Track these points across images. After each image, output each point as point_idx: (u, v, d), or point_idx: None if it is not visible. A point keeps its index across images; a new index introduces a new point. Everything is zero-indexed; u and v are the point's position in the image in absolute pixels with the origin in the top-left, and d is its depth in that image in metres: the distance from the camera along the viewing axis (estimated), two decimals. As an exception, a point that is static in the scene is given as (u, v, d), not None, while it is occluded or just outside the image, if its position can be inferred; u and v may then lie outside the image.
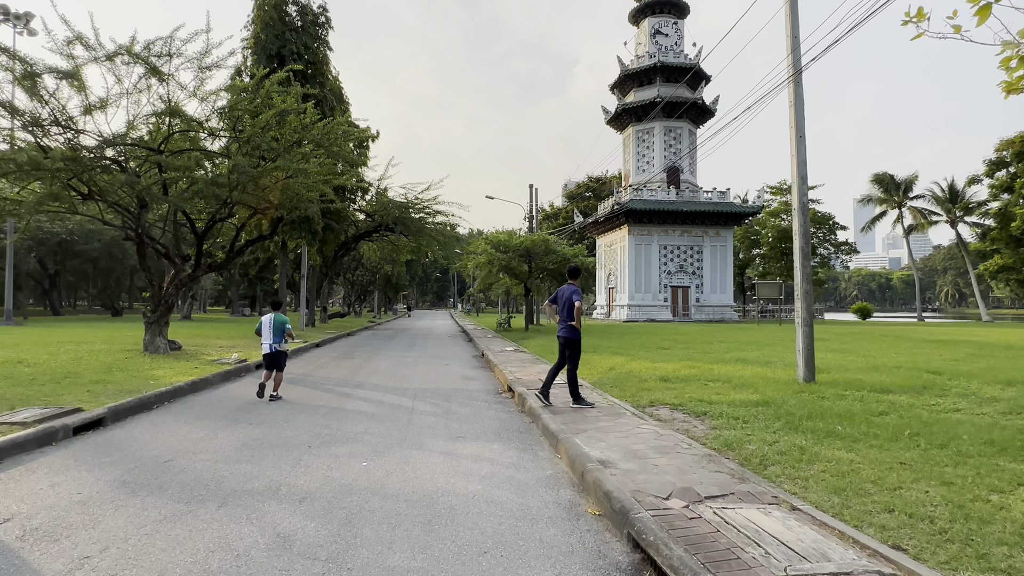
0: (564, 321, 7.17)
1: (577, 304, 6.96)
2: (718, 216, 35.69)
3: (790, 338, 18.06)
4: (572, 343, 7.12)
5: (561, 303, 7.26)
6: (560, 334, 7.26)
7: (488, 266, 23.24)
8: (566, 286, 7.27)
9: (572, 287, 7.18)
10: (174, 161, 11.16)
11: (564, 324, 7.17)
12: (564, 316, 7.17)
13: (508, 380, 9.45)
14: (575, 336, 7.11)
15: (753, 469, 4.37)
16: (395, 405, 7.85)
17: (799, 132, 8.13)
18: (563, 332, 7.18)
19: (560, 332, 7.26)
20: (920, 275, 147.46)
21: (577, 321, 7.00)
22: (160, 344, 13.02)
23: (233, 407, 7.63)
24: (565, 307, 7.15)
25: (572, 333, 7.10)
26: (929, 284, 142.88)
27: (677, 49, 37.99)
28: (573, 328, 7.08)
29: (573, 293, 7.08)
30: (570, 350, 7.14)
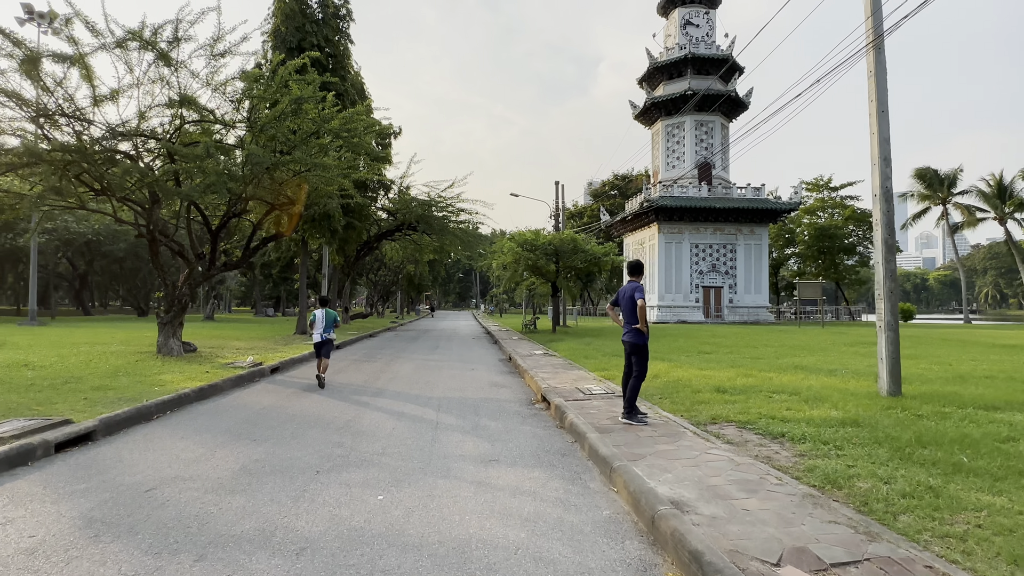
0: (628, 324, 6.24)
1: (640, 302, 6.01)
2: (752, 213, 34.17)
3: (843, 342, 16.73)
4: (639, 349, 6.18)
5: (623, 304, 6.33)
6: (625, 339, 6.34)
7: (514, 265, 22.34)
8: (627, 284, 6.34)
9: (634, 284, 6.24)
10: (188, 152, 10.51)
11: (628, 327, 6.24)
12: (627, 318, 6.24)
13: (541, 389, 8.53)
14: (642, 341, 6.16)
15: (879, 519, 3.36)
16: (417, 418, 6.99)
17: (881, 106, 7.03)
18: (628, 336, 6.25)
19: (624, 336, 6.33)
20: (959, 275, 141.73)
21: (642, 323, 6.05)
22: (174, 346, 12.45)
23: (239, 419, 6.86)
24: (627, 307, 6.22)
25: (638, 338, 6.16)
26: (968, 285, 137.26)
27: (708, 40, 36.56)
28: (638, 332, 6.14)
29: (635, 290, 6.14)
30: (637, 357, 6.20)
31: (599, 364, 11.32)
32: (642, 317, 6.02)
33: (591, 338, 19.20)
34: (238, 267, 13.33)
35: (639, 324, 6.06)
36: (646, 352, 6.22)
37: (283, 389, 9.24)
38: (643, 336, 6.15)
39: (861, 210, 42.77)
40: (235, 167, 10.52)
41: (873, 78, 7.06)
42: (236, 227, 13.92)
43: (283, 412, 7.28)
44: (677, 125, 36.34)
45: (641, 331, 6.12)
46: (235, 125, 11.61)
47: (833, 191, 43.92)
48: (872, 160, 7.11)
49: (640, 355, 6.18)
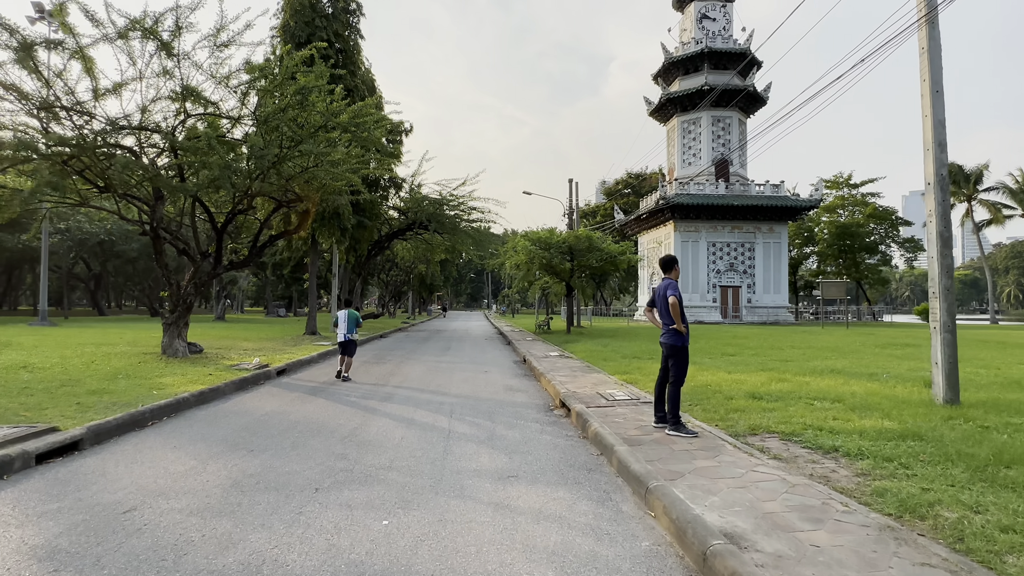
0: (665, 324, 5.70)
1: (672, 299, 5.47)
2: (771, 211, 33.29)
3: (873, 344, 15.98)
4: (677, 352, 5.65)
5: (659, 303, 5.79)
6: (662, 340, 5.79)
7: (528, 265, 21.80)
8: (661, 282, 5.79)
9: (667, 281, 5.75)
10: (191, 145, 10.12)
11: (666, 328, 5.70)
12: (664, 318, 5.70)
13: (560, 394, 7.99)
14: (680, 343, 5.63)
15: (983, 561, 2.79)
16: (428, 425, 6.49)
17: (935, 85, 6.40)
18: (665, 337, 5.72)
19: (662, 338, 5.79)
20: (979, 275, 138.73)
21: (678, 322, 5.50)
22: (179, 347, 12.09)
23: (238, 426, 6.41)
24: (663, 307, 5.68)
25: (676, 339, 5.62)
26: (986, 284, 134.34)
27: (725, 34, 35.74)
28: (676, 332, 5.60)
29: (668, 288, 5.64)
30: (675, 360, 5.65)
31: (619, 367, 10.76)
32: (677, 315, 5.47)
33: (607, 339, 18.61)
34: (244, 266, 12.95)
35: (676, 324, 5.51)
36: (685, 355, 5.66)
37: (288, 393, 8.80)
38: (681, 337, 5.59)
39: (883, 207, 41.60)
40: (239, 162, 10.10)
41: (926, 55, 6.43)
42: (243, 225, 13.55)
43: (285, 419, 6.82)
44: (693, 121, 35.55)
45: (679, 331, 5.57)
46: (240, 120, 11.22)
47: (853, 188, 42.80)
48: (925, 145, 6.48)
49: (678, 358, 5.63)
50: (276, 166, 10.98)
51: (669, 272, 5.82)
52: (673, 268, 5.85)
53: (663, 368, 5.90)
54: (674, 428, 5.50)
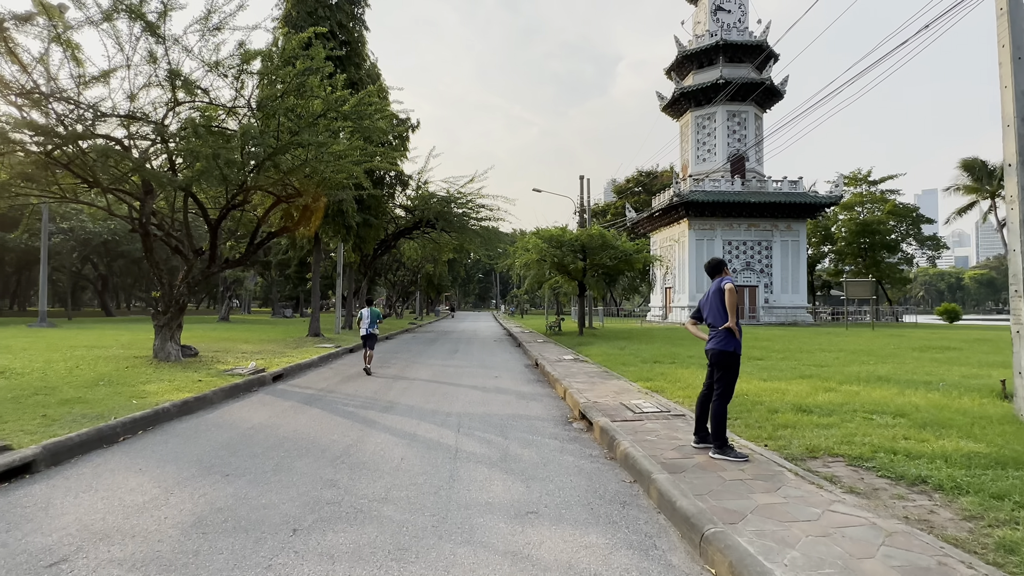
0: (714, 327, 4.89)
1: (728, 285, 4.70)
2: (789, 208, 32.22)
3: (908, 346, 15.01)
4: (726, 359, 4.79)
5: (706, 307, 4.99)
6: (709, 346, 4.94)
7: (539, 264, 20.98)
8: (714, 284, 5.01)
9: (719, 279, 4.96)
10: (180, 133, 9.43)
11: (714, 332, 4.89)
12: (715, 317, 4.89)
13: (579, 404, 7.19)
14: (731, 348, 4.78)
15: None
16: (432, 443, 5.72)
17: (1017, 51, 5.53)
18: (714, 342, 4.87)
19: (709, 344, 4.94)
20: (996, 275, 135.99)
21: (733, 319, 4.69)
22: (171, 350, 11.41)
23: (218, 443, 5.67)
24: (715, 301, 4.87)
25: (727, 342, 4.78)
26: (1005, 284, 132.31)
27: (741, 27, 34.72)
28: (729, 335, 4.77)
29: (720, 279, 4.90)
30: (723, 370, 4.81)
31: (641, 373, 9.93)
32: (733, 306, 4.64)
33: (623, 341, 17.77)
34: (241, 264, 12.26)
35: (730, 318, 4.67)
36: (736, 365, 4.82)
37: (281, 401, 8.07)
38: (734, 341, 4.76)
39: (903, 204, 40.33)
40: (232, 152, 9.39)
41: (1006, 16, 5.56)
42: (240, 221, 12.88)
43: (273, 433, 6.08)
44: (708, 116, 34.56)
45: (732, 334, 4.73)
46: (234, 109, 10.52)
47: (872, 185, 41.58)
48: (1004, 120, 5.61)
49: (728, 368, 4.79)
50: (272, 157, 10.27)
51: (719, 275, 5.02)
52: (723, 270, 5.04)
53: (708, 380, 5.08)
54: (720, 450, 4.68)
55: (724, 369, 4.79)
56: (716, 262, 5.08)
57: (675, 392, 7.89)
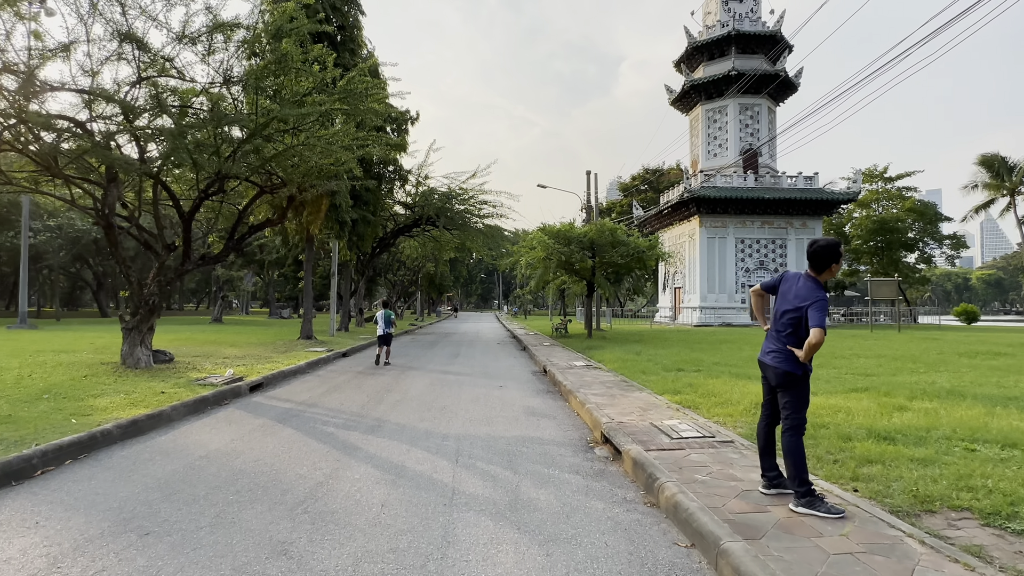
0: (779, 340, 3.70)
1: (817, 331, 3.37)
2: (805, 204, 30.95)
3: (949, 351, 13.77)
4: (794, 382, 3.61)
5: (785, 303, 3.74)
6: (767, 360, 3.77)
7: (545, 261, 19.79)
8: (802, 277, 3.73)
9: (812, 284, 3.61)
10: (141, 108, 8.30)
11: (777, 345, 3.71)
12: (781, 332, 3.70)
13: (600, 424, 6.03)
14: (800, 370, 3.59)
15: None
16: (423, 480, 4.56)
17: None
18: (775, 359, 3.69)
19: (767, 357, 3.77)
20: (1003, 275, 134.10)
21: (808, 354, 3.46)
22: (141, 356, 10.29)
23: (155, 479, 4.53)
24: (786, 316, 3.67)
25: (792, 364, 3.60)
26: (1012, 284, 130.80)
27: (753, 16, 33.47)
28: (792, 358, 3.60)
29: (815, 299, 3.49)
30: (791, 395, 3.62)
31: (666, 384, 8.75)
32: (812, 348, 3.42)
33: (636, 345, 16.58)
34: (219, 260, 11.13)
35: (803, 354, 3.48)
36: (806, 387, 3.64)
37: (252, 419, 6.93)
38: (801, 365, 3.58)
39: (922, 201, 38.97)
40: (198, 129, 8.26)
41: None
42: (220, 213, 11.76)
43: (228, 465, 4.93)
44: (719, 110, 33.31)
45: (798, 357, 3.55)
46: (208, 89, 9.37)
47: (888, 182, 40.23)
48: None
49: (796, 391, 3.62)
50: (251, 140, 9.13)
51: (822, 268, 3.61)
52: (829, 264, 3.60)
53: (768, 404, 3.91)
54: (805, 502, 3.49)
55: (793, 393, 3.61)
56: (828, 246, 3.60)
57: (712, 409, 6.72)
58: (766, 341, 3.86)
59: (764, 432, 3.90)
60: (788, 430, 3.61)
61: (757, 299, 4.14)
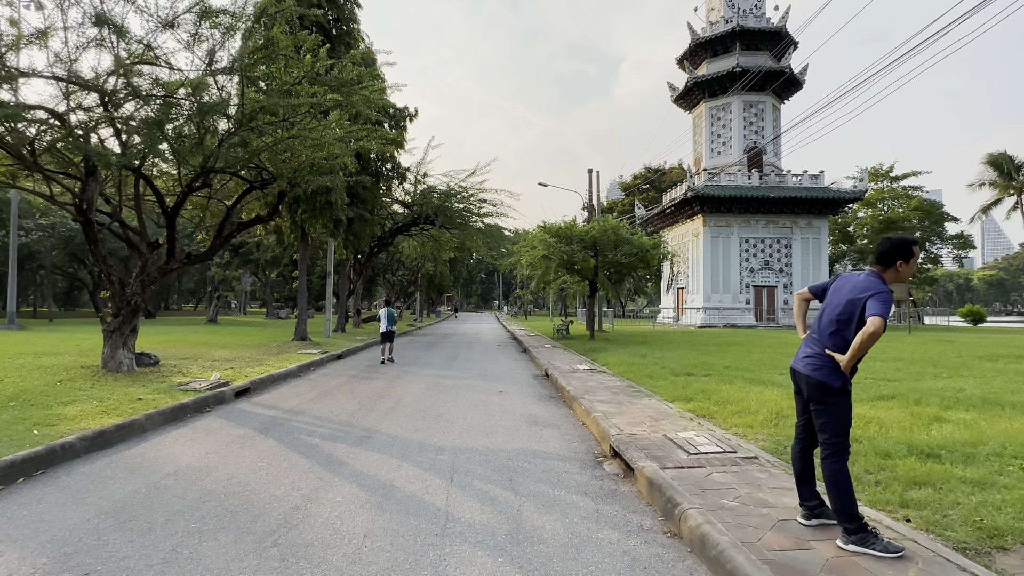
0: (818, 343, 3.20)
1: (876, 320, 2.82)
2: (810, 203, 30.44)
3: (968, 354, 13.28)
4: (832, 396, 3.08)
5: (828, 302, 3.27)
6: (801, 368, 3.24)
7: (546, 261, 19.29)
8: (863, 273, 3.23)
9: (875, 278, 3.10)
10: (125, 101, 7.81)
11: (814, 351, 3.20)
12: (822, 330, 3.20)
13: (609, 436, 5.54)
14: (838, 382, 3.05)
15: None
16: (413, 502, 4.06)
17: None
18: (811, 368, 3.16)
19: (802, 365, 3.24)
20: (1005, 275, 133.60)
21: (856, 353, 2.93)
22: (122, 359, 9.79)
23: (111, 503, 4.04)
24: (834, 312, 3.16)
25: (829, 374, 3.07)
26: (1014, 285, 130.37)
27: (757, 12, 32.96)
28: (831, 365, 3.07)
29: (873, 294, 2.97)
30: (827, 411, 3.10)
31: (676, 390, 8.25)
32: (863, 347, 2.90)
33: (641, 347, 16.08)
34: (206, 259, 10.64)
35: (847, 356, 2.97)
36: (847, 403, 3.10)
37: (232, 428, 6.43)
38: (842, 376, 3.06)
39: (928, 201, 38.45)
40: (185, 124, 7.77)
41: None
42: (207, 209, 11.27)
43: (197, 484, 4.43)
44: (723, 107, 32.80)
45: (840, 363, 3.04)
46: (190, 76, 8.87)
47: (894, 181, 39.72)
48: None
49: (835, 407, 3.09)
50: (238, 131, 8.63)
51: (888, 265, 3.10)
52: (896, 259, 3.08)
53: (803, 423, 3.40)
54: (857, 539, 2.97)
55: (830, 408, 3.09)
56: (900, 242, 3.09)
57: (729, 419, 6.21)
58: (802, 346, 3.36)
59: (800, 456, 3.38)
60: (828, 456, 3.08)
61: (801, 304, 3.62)
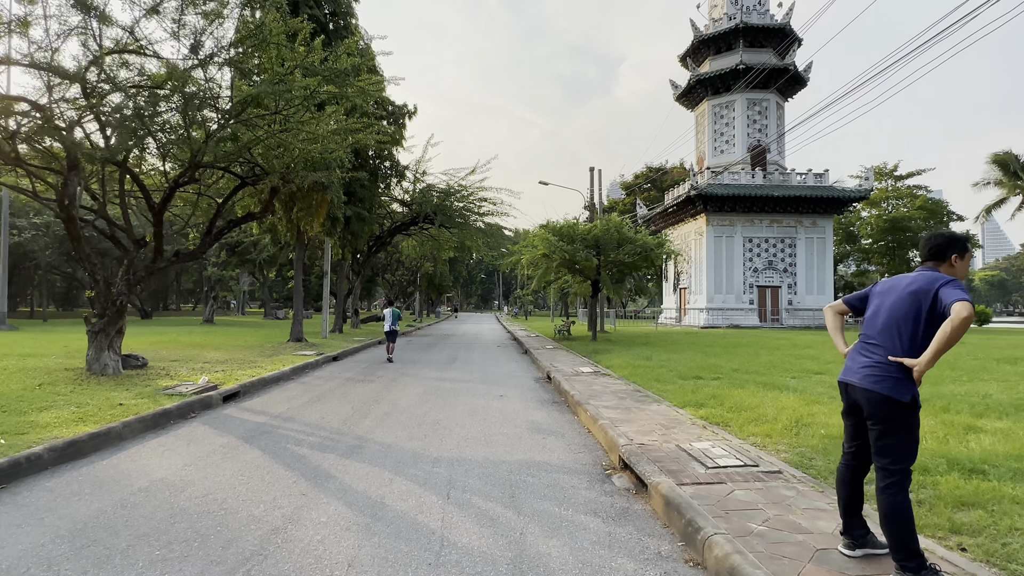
0: (877, 350, 2.79)
1: (962, 307, 2.43)
2: (815, 202, 30.04)
3: (985, 356, 12.88)
4: (896, 412, 2.65)
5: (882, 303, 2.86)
6: (856, 380, 2.82)
7: (547, 260, 18.90)
8: (910, 275, 2.85)
9: (934, 272, 2.74)
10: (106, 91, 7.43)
11: (876, 359, 2.77)
12: (882, 332, 2.79)
13: (618, 446, 5.15)
14: (906, 397, 2.63)
15: None
16: (405, 523, 3.67)
17: None
18: (869, 377, 2.74)
19: (857, 375, 2.82)
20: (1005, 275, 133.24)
21: (932, 356, 2.53)
22: (108, 362, 9.41)
23: (70, 524, 3.65)
24: (897, 311, 2.76)
25: (897, 386, 2.65)
26: (1015, 285, 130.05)
27: (761, 9, 32.58)
28: (900, 374, 2.66)
29: (944, 279, 2.62)
30: (889, 436, 2.67)
31: (685, 394, 7.86)
32: (951, 341, 2.50)
33: (645, 349, 15.69)
34: (195, 257, 10.26)
35: (925, 358, 2.57)
36: (915, 421, 2.68)
37: (216, 436, 6.04)
38: (909, 381, 2.66)
39: (933, 200, 38.03)
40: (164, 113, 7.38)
41: None
42: (197, 206, 10.89)
43: (167, 503, 4.03)
44: (726, 105, 32.40)
45: (907, 372, 2.64)
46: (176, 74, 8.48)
47: (898, 180, 39.30)
48: None
49: (899, 429, 2.67)
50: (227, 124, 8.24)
51: (943, 259, 2.78)
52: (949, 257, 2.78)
53: (853, 444, 2.96)
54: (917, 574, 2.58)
55: (892, 431, 2.65)
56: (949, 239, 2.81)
57: (746, 427, 5.82)
58: (853, 356, 2.95)
59: (849, 481, 2.96)
60: (890, 486, 2.64)
61: (835, 317, 3.19)
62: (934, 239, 2.86)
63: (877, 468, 2.73)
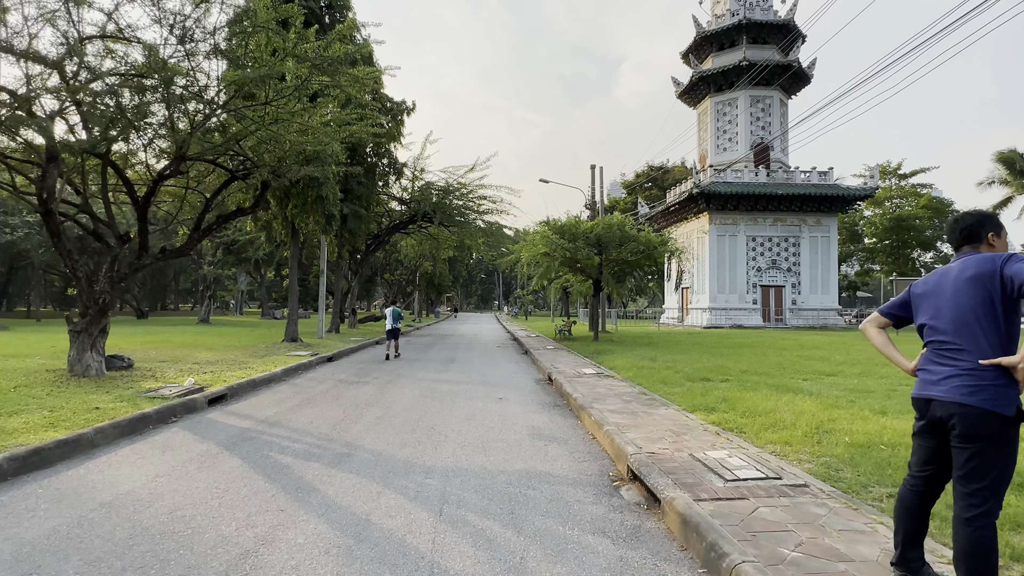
0: (962, 356, 2.33)
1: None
2: (819, 201, 29.63)
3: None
4: (997, 430, 2.21)
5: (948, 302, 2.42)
6: (943, 393, 2.33)
7: (548, 259, 18.50)
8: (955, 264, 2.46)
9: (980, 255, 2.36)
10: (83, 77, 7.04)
11: (965, 364, 2.31)
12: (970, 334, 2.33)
13: (627, 454, 4.76)
14: (1008, 410, 2.19)
15: None
16: (392, 545, 3.28)
17: None
18: (963, 388, 2.27)
19: (942, 388, 2.34)
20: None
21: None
22: (91, 362, 9.03)
23: (21, 543, 3.28)
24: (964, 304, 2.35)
25: (1000, 398, 2.19)
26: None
27: (765, 4, 32.18)
28: (1007, 380, 2.21)
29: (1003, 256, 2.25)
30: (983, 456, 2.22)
31: (693, 398, 7.46)
32: None
33: (648, 349, 15.30)
34: (182, 254, 9.88)
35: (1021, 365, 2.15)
36: (1016, 438, 2.24)
37: (195, 444, 5.64)
38: (1014, 389, 2.21)
39: (937, 199, 37.62)
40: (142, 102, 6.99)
41: None
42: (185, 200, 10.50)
43: (129, 520, 3.64)
44: (729, 102, 32.00)
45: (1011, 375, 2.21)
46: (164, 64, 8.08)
47: (902, 179, 38.90)
48: None
49: (1002, 447, 2.22)
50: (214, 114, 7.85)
51: (981, 239, 2.42)
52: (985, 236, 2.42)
53: (928, 466, 2.49)
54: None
55: (988, 450, 2.22)
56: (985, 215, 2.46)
57: (762, 434, 5.43)
58: (927, 366, 2.48)
59: (916, 510, 2.52)
60: (976, 518, 2.20)
61: (880, 333, 2.74)
62: (964, 219, 2.50)
63: (962, 495, 2.27)
